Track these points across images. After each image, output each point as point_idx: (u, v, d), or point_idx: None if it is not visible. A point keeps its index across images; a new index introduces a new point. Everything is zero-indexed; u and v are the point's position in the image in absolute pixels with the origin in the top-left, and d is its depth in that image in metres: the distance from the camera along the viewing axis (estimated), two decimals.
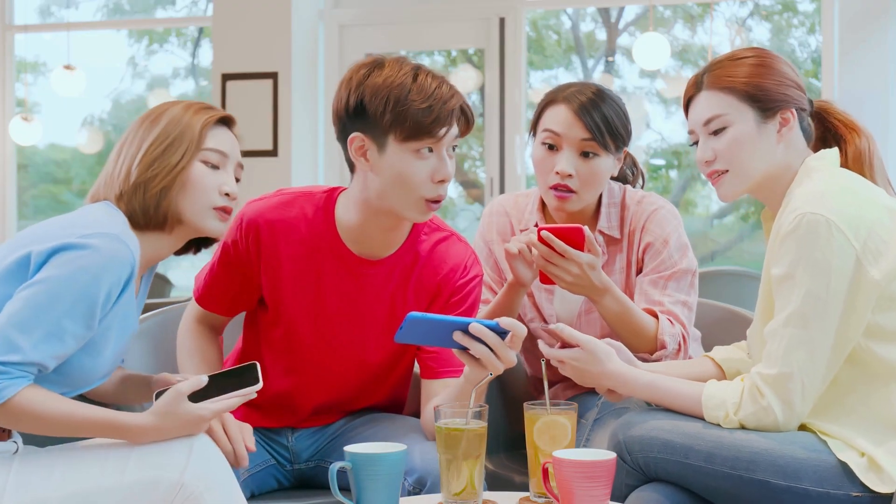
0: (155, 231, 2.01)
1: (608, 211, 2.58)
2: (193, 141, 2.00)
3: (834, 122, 2.14)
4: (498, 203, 2.71)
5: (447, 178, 2.20)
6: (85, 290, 1.83)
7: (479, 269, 2.36)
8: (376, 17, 6.43)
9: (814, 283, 1.90)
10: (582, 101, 2.48)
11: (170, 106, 2.05)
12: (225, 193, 2.03)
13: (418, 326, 1.95)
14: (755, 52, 2.11)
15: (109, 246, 1.85)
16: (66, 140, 8.32)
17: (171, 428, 1.86)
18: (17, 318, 1.79)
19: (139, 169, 1.98)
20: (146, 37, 7.95)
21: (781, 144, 2.07)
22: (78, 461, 1.82)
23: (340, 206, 2.30)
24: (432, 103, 2.14)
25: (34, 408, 1.79)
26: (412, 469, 2.15)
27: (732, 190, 2.10)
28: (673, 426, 1.99)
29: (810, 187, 1.99)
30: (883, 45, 5.55)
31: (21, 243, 1.89)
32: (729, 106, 2.06)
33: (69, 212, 2.04)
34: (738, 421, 1.96)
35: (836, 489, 1.88)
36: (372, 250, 2.29)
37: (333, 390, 2.38)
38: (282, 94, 6.21)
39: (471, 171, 6.91)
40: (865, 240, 1.91)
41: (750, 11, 6.52)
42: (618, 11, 6.73)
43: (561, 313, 2.61)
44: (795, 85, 2.09)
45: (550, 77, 7.01)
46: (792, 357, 1.92)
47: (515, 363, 2.01)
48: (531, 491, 2.01)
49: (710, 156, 2.08)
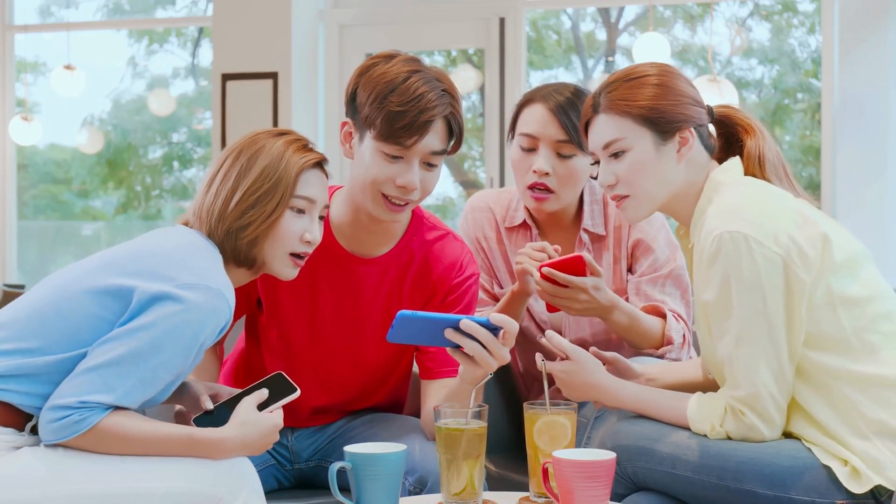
0: (241, 267, 2.04)
1: (591, 209, 2.58)
2: (288, 188, 2.00)
3: (736, 127, 2.13)
4: (479, 199, 2.69)
5: (409, 185, 2.15)
6: (184, 345, 1.86)
7: (475, 267, 2.35)
8: (376, 17, 6.43)
9: (750, 300, 1.91)
10: (559, 100, 2.47)
11: (267, 140, 2.03)
12: (306, 241, 2.04)
13: (410, 325, 1.93)
14: (652, 71, 2.07)
15: (212, 302, 1.87)
16: (66, 140, 8.33)
17: (254, 438, 1.89)
18: (118, 363, 1.82)
19: (233, 214, 1.99)
20: (146, 37, 7.95)
21: (682, 164, 2.06)
22: (118, 461, 1.83)
23: (334, 204, 2.30)
24: (408, 109, 2.10)
25: (117, 431, 1.82)
26: (412, 469, 2.15)
27: (637, 214, 2.09)
28: (660, 435, 2.00)
29: (721, 204, 1.99)
30: (883, 45, 5.55)
31: (124, 269, 1.89)
32: (626, 130, 2.04)
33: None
34: (725, 433, 1.97)
35: (821, 497, 1.89)
36: (365, 248, 2.29)
37: (332, 391, 2.38)
38: (282, 94, 6.21)
39: (471, 171, 6.91)
40: (788, 244, 1.91)
41: (750, 11, 6.52)
42: (618, 11, 6.73)
43: (549, 313, 2.60)
44: (693, 101, 2.07)
45: (550, 77, 7.01)
46: (754, 376, 1.92)
47: (509, 360, 2.00)
48: (531, 491, 2.01)
49: (612, 180, 2.07)
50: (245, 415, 1.91)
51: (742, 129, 2.12)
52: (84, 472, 1.81)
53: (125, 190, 8.22)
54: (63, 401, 1.80)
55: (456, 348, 1.99)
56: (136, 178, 8.17)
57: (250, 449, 1.90)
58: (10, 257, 7.17)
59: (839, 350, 1.94)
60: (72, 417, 1.79)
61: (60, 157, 8.34)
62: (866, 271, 2.00)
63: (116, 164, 8.16)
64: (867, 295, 1.97)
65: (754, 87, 6.64)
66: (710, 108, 2.11)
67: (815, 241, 1.94)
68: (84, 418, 1.80)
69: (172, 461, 1.84)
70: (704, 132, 2.10)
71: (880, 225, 5.51)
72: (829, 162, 5.68)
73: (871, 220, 5.50)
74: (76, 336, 1.85)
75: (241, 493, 1.84)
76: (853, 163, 5.58)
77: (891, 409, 1.91)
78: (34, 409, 1.86)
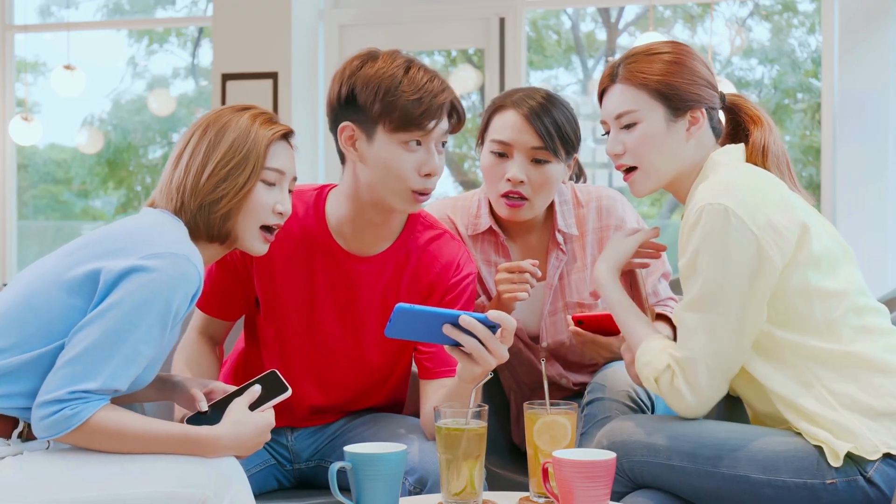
0: (213, 243, 2.03)
1: (562, 209, 2.56)
2: (259, 160, 2.01)
3: (744, 116, 2.17)
4: (437, 210, 2.61)
5: (434, 172, 2.20)
6: (158, 314, 1.85)
7: (472, 266, 2.35)
8: (376, 17, 6.43)
9: (712, 269, 1.94)
10: (532, 105, 2.45)
11: (233, 115, 2.04)
12: (278, 212, 2.04)
13: (407, 319, 1.92)
14: (671, 48, 2.12)
15: (178, 267, 1.86)
16: (66, 140, 8.33)
17: (247, 437, 1.89)
18: (97, 347, 1.81)
19: (206, 188, 1.99)
20: (146, 37, 7.95)
21: (691, 143, 2.10)
22: (99, 467, 1.82)
23: (331, 202, 2.31)
24: (422, 95, 2.15)
25: (109, 427, 1.81)
26: (412, 469, 2.15)
27: (644, 187, 2.13)
28: (654, 428, 2.02)
29: (713, 180, 2.03)
30: (883, 45, 5.54)
31: (89, 254, 1.89)
32: (640, 102, 2.08)
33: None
34: (658, 389, 2.02)
35: (812, 478, 1.91)
36: (362, 246, 2.30)
37: (330, 391, 2.37)
38: (282, 94, 6.21)
39: (471, 171, 6.91)
40: (764, 224, 1.94)
41: (750, 11, 6.52)
42: (618, 11, 6.73)
43: (525, 317, 2.58)
44: (708, 84, 2.11)
45: (550, 77, 7.01)
46: (693, 341, 1.96)
47: (507, 358, 1.99)
48: (531, 491, 2.01)
49: (620, 149, 2.11)
50: (238, 414, 1.91)
51: (750, 118, 2.16)
52: (65, 480, 1.79)
53: (125, 190, 8.22)
54: (51, 395, 1.79)
55: (453, 346, 1.99)
56: (136, 178, 8.17)
57: (243, 448, 1.90)
58: (10, 257, 7.16)
59: (807, 331, 1.97)
60: (64, 412, 1.78)
61: (60, 157, 8.34)
62: (846, 269, 2.03)
63: (116, 164, 8.16)
64: (842, 290, 2.00)
65: (754, 87, 6.64)
66: (722, 94, 2.15)
67: (793, 228, 1.97)
68: (76, 412, 1.78)
69: (155, 464, 1.82)
70: (715, 115, 2.14)
71: (880, 225, 5.51)
72: (829, 162, 5.68)
73: (872, 220, 5.50)
74: (50, 329, 1.85)
75: (226, 494, 1.82)
76: (853, 163, 5.58)
77: (858, 383, 1.95)
78: (18, 412, 1.84)
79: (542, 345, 2.57)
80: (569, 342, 2.56)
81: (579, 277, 2.55)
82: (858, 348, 1.97)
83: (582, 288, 2.56)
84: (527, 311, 2.56)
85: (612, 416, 2.32)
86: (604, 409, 2.29)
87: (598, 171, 6.35)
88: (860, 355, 1.97)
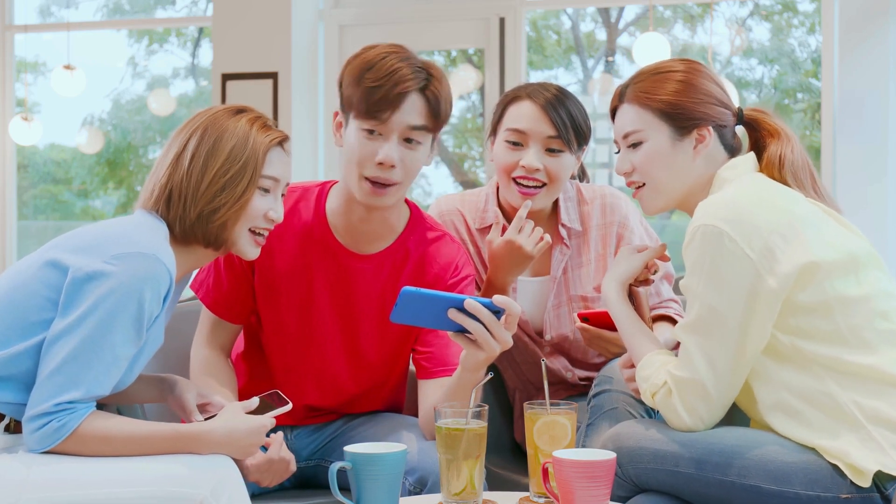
0: (207, 248, 2.03)
1: (566, 205, 2.60)
2: (257, 169, 2.00)
3: (762, 132, 2.15)
4: (446, 203, 2.66)
5: (386, 161, 2.17)
6: (132, 315, 1.85)
7: (470, 269, 2.36)
8: (376, 17, 6.43)
9: (709, 293, 1.93)
10: (547, 96, 2.49)
11: (229, 119, 2.02)
12: (269, 219, 2.04)
13: (413, 303, 1.92)
14: (681, 67, 2.12)
15: (146, 268, 1.86)
16: (66, 140, 8.32)
17: (239, 434, 1.89)
18: (75, 357, 1.82)
19: (205, 197, 1.98)
20: (146, 37, 7.95)
21: (699, 160, 2.09)
22: (97, 467, 1.82)
23: (331, 199, 2.32)
24: (382, 83, 2.14)
25: (98, 433, 1.82)
26: (412, 469, 2.15)
27: (653, 205, 2.14)
28: (662, 435, 2.00)
29: (712, 198, 2.03)
30: (883, 45, 5.54)
31: (62, 247, 1.91)
32: (646, 122, 2.10)
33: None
34: (655, 404, 2.01)
35: (825, 491, 1.88)
36: (362, 244, 2.30)
37: (329, 391, 2.37)
38: (282, 94, 6.20)
39: (471, 171, 6.90)
40: (761, 248, 1.92)
41: (750, 11, 6.52)
42: (618, 11, 6.72)
43: (529, 311, 2.60)
44: (718, 102, 2.11)
45: (550, 77, 7.01)
46: (696, 364, 1.95)
47: (511, 345, 2.00)
48: (531, 491, 2.01)
49: (628, 167, 2.14)
50: (231, 412, 1.92)
51: (767, 132, 2.14)
52: (60, 479, 1.80)
53: (125, 190, 8.22)
54: (38, 409, 1.80)
55: (458, 332, 1.99)
56: (136, 178, 8.17)
57: (236, 445, 1.89)
58: (10, 257, 7.16)
59: (832, 342, 1.93)
60: (51, 425, 1.80)
61: (60, 157, 8.34)
62: (868, 271, 2.00)
63: (116, 164, 8.16)
64: (865, 293, 1.96)
65: (754, 87, 6.64)
66: (739, 110, 2.14)
67: (794, 259, 1.92)
68: (63, 424, 1.80)
69: (151, 465, 1.82)
70: (728, 133, 2.13)
71: (881, 225, 5.51)
72: (829, 162, 5.68)
73: (872, 220, 5.50)
74: (26, 321, 1.86)
75: (222, 495, 1.82)
76: (853, 163, 5.57)
77: (885, 399, 1.91)
78: (5, 406, 1.85)
79: (546, 338, 2.59)
80: (572, 336, 2.58)
81: (583, 272, 2.58)
82: (885, 361, 1.92)
83: (585, 282, 2.59)
84: (531, 304, 2.59)
85: (619, 408, 2.32)
86: (611, 401, 2.29)
87: (598, 171, 6.35)
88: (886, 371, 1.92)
